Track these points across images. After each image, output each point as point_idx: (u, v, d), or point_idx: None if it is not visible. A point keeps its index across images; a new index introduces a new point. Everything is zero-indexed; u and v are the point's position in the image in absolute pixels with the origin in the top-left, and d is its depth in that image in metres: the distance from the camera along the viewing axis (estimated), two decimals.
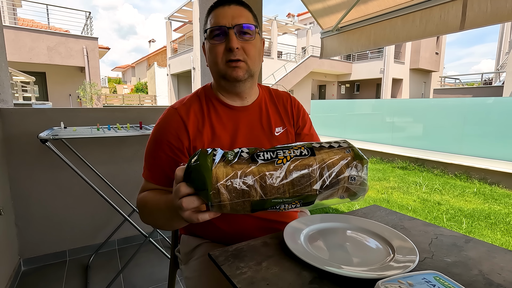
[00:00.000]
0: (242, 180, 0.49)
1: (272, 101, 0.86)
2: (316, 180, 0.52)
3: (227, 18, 0.70)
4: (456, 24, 1.66)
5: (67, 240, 1.85)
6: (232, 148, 0.71)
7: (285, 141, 0.84)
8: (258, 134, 0.80)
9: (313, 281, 0.50)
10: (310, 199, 0.53)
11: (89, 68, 10.58)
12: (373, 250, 0.59)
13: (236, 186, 0.49)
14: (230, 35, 0.70)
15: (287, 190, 0.51)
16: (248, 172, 0.50)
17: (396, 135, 5.63)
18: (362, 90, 20.48)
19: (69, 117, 1.76)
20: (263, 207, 0.51)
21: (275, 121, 0.83)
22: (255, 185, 0.50)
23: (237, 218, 0.77)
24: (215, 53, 0.72)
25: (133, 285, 1.59)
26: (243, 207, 0.51)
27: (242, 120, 0.79)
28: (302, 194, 0.52)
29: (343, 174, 0.53)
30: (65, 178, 1.79)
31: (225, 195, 0.49)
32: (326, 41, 2.64)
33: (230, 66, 0.72)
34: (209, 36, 0.72)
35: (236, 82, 0.74)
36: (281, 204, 0.52)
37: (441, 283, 0.41)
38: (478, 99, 5.04)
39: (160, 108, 2.12)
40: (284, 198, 0.51)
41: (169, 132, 0.74)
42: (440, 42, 18.91)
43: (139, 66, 28.42)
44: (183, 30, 18.59)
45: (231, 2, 0.72)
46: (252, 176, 0.50)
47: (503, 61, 13.66)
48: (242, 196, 0.50)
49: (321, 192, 0.52)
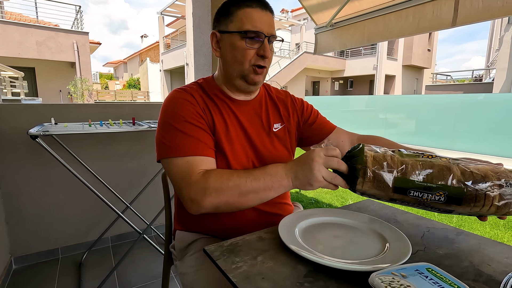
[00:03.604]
0: (389, 158, 0.58)
1: (272, 99, 0.88)
2: (456, 175, 0.55)
3: (265, 25, 0.72)
4: (449, 20, 1.68)
5: (59, 238, 1.83)
6: (237, 138, 0.77)
7: (283, 137, 0.86)
8: (257, 128, 0.82)
9: (308, 274, 0.50)
10: (456, 192, 0.54)
11: (80, 63, 10.38)
12: (367, 243, 0.60)
13: (383, 163, 0.58)
14: (266, 44, 0.73)
15: (431, 180, 0.55)
16: (397, 159, 0.58)
17: (389, 131, 5.69)
18: (356, 87, 20.61)
19: (60, 113, 1.73)
20: (407, 186, 0.56)
21: (274, 117, 0.85)
22: (400, 165, 0.57)
23: (231, 212, 0.77)
24: (244, 54, 0.73)
25: (127, 282, 1.58)
26: (384, 186, 0.57)
27: (243, 114, 0.80)
28: (446, 185, 0.55)
29: (494, 181, 0.54)
30: (57, 175, 1.76)
31: (371, 167, 0.58)
32: (320, 37, 2.64)
33: (255, 71, 0.75)
34: (242, 36, 0.72)
35: (253, 85, 0.78)
36: (424, 192, 0.55)
37: (433, 274, 0.42)
38: (469, 95, 5.12)
39: (153, 104, 2.10)
40: (428, 183, 0.55)
41: (192, 104, 0.73)
42: (432, 39, 19.09)
43: (131, 62, 28.04)
44: (176, 25, 18.37)
45: (267, 8, 0.74)
46: (400, 162, 0.57)
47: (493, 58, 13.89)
48: (386, 167, 0.57)
49: (468, 187, 0.54)
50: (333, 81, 20.47)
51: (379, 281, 0.40)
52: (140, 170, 2.00)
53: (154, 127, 1.61)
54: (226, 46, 0.75)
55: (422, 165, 0.56)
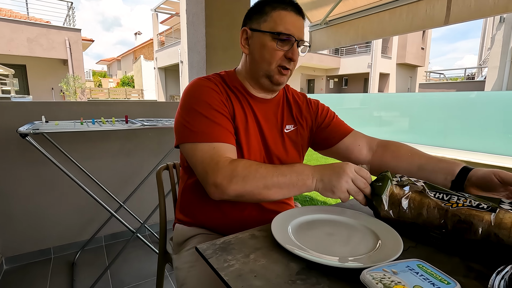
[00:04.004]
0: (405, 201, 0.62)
1: (288, 100, 0.90)
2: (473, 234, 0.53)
3: (298, 29, 0.74)
4: (441, 19, 1.69)
5: (51, 237, 1.81)
6: (253, 133, 0.79)
7: (294, 139, 0.87)
8: (272, 128, 0.83)
9: (300, 271, 0.50)
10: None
11: (72, 60, 10.23)
12: (359, 241, 0.60)
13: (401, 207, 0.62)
14: (295, 47, 0.75)
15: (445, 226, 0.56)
16: (412, 196, 0.61)
17: (384, 129, 5.73)
18: (350, 85, 20.70)
19: (51, 111, 1.70)
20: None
21: (287, 118, 0.87)
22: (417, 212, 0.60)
23: (235, 206, 0.78)
24: (273, 54, 0.74)
25: (121, 282, 1.57)
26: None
27: (260, 111, 0.82)
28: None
29: None
30: (48, 174, 1.74)
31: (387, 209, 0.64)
32: (314, 34, 2.64)
33: (280, 72, 0.77)
34: (274, 37, 0.73)
35: (277, 85, 0.79)
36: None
37: (424, 271, 0.42)
38: (461, 93, 5.19)
39: (146, 102, 2.08)
40: (434, 230, 0.58)
41: (216, 93, 0.75)
42: (426, 37, 19.25)
43: (125, 59, 27.73)
44: (170, 22, 18.21)
45: (300, 14, 0.76)
46: (413, 201, 0.61)
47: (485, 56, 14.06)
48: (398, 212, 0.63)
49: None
50: (328, 79, 20.53)
51: (370, 277, 0.40)
52: (133, 168, 1.99)
53: (147, 125, 1.59)
54: (256, 44, 0.76)
55: (439, 217, 0.57)
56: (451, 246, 0.57)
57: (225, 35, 1.81)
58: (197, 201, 0.82)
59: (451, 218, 0.56)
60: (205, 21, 1.81)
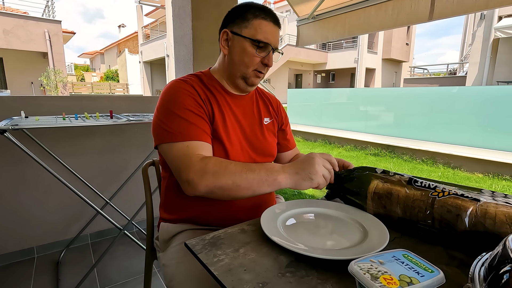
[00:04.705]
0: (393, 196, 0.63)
1: (261, 96, 0.97)
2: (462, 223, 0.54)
3: (275, 39, 0.81)
4: (425, 14, 1.73)
5: (34, 237, 1.75)
6: (232, 128, 0.82)
7: (272, 130, 0.94)
8: (250, 120, 0.89)
9: (289, 264, 0.50)
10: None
11: (53, 53, 9.85)
12: (347, 233, 0.61)
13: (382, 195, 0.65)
14: (271, 55, 0.82)
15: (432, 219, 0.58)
16: (396, 190, 0.63)
17: (369, 124, 5.83)
18: (337, 79, 20.91)
19: (31, 106, 1.64)
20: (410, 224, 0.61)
21: (264, 112, 0.94)
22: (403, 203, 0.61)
23: (226, 202, 0.80)
24: (251, 59, 0.80)
25: (108, 279, 1.55)
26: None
27: (238, 107, 0.87)
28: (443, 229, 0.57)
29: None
30: (30, 171, 1.68)
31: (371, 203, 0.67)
32: (302, 29, 2.64)
33: (256, 75, 0.83)
34: (253, 43, 0.79)
35: (251, 87, 0.86)
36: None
37: (409, 260, 0.43)
38: (444, 88, 5.33)
39: (132, 96, 2.03)
40: (421, 222, 0.59)
41: (193, 95, 0.77)
42: (411, 33, 19.62)
43: (109, 53, 26.94)
44: (155, 15, 17.77)
45: (278, 25, 0.82)
46: (397, 194, 0.63)
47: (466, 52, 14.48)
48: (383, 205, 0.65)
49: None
50: (315, 74, 20.65)
51: (358, 268, 0.41)
52: (120, 164, 1.95)
53: (133, 120, 1.56)
54: (236, 47, 0.81)
55: (425, 208, 0.59)
56: (439, 237, 0.58)
57: (212, 29, 1.78)
58: (181, 198, 0.81)
59: (438, 209, 0.57)
60: (191, 14, 1.77)
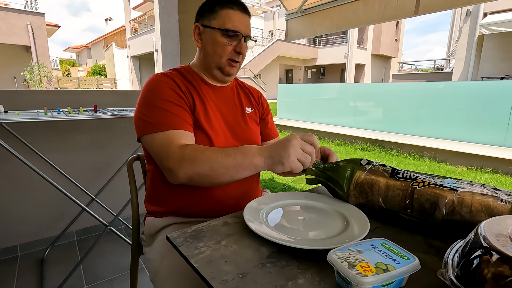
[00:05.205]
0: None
1: (241, 87, 0.99)
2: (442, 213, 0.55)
3: (244, 26, 0.82)
4: (411, 9, 1.74)
5: (17, 234, 1.71)
6: (215, 118, 0.83)
7: (254, 119, 0.96)
8: (232, 110, 0.90)
9: (270, 255, 0.51)
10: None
11: (36, 47, 9.55)
12: (329, 223, 0.62)
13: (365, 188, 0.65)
14: (242, 42, 0.82)
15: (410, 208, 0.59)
16: (377, 180, 0.64)
17: (359, 119, 5.90)
18: (328, 75, 21.03)
19: (10, 100, 1.58)
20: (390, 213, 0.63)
21: (246, 101, 0.95)
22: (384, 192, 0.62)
23: (211, 191, 0.80)
24: (223, 49, 0.81)
25: (95, 276, 1.53)
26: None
27: (219, 97, 0.88)
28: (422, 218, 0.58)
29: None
30: (11, 168, 1.63)
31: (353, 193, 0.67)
32: (290, 23, 2.63)
33: (230, 64, 0.84)
34: (223, 33, 0.80)
35: (228, 76, 0.86)
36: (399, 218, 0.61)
37: (386, 248, 0.44)
38: (430, 83, 5.43)
39: (117, 91, 1.99)
40: (401, 212, 0.60)
41: (172, 87, 0.78)
42: (399, 29, 19.85)
43: (96, 47, 26.30)
44: (143, 8, 17.40)
45: (246, 12, 0.83)
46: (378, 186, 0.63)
47: (453, 48, 14.76)
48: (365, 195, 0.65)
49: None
50: (306, 69, 20.71)
51: (336, 257, 0.41)
52: (105, 160, 1.91)
53: (118, 115, 1.52)
54: (207, 39, 0.82)
55: (405, 198, 0.60)
56: (419, 226, 0.59)
57: None
58: (166, 189, 0.81)
59: (417, 198, 0.58)
60: (178, 6, 1.74)
